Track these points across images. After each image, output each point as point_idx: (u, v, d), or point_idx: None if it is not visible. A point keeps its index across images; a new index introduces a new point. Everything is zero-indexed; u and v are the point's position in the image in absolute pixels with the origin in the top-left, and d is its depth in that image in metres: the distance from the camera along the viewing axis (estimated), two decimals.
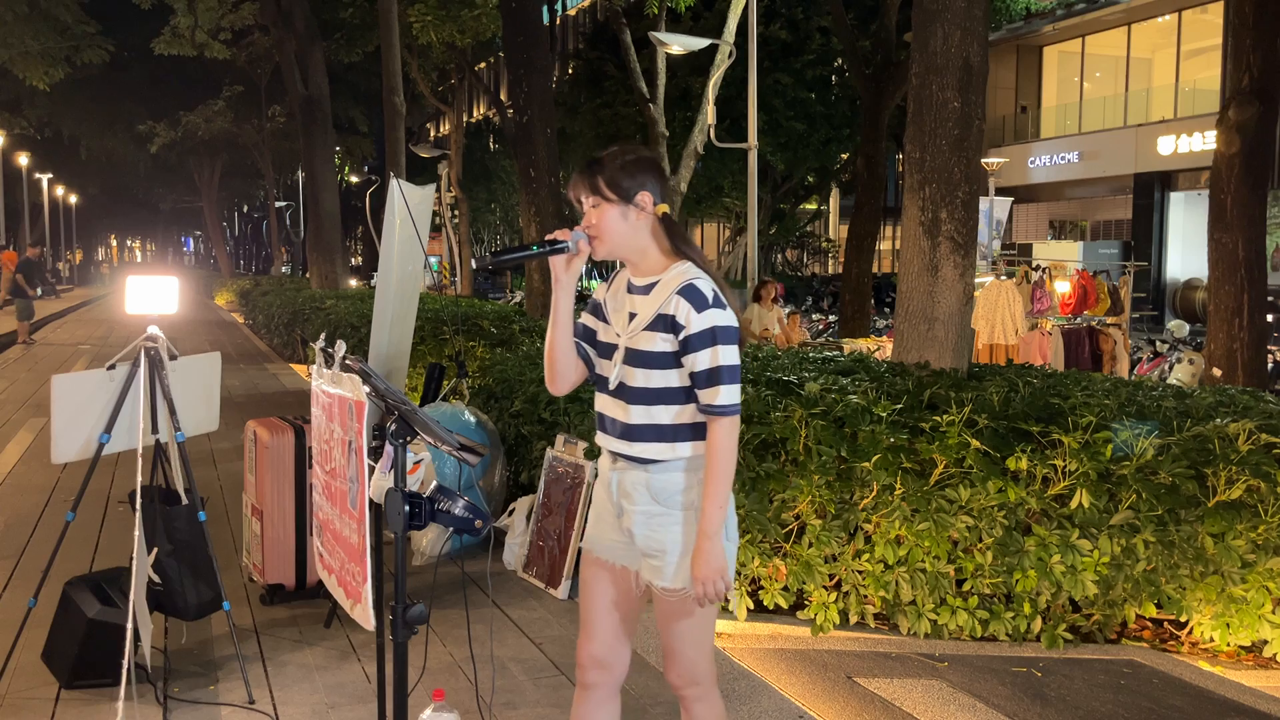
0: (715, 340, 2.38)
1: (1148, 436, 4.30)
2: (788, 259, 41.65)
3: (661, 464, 2.45)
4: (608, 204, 2.45)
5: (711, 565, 2.38)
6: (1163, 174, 26.79)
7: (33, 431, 9.18)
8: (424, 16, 21.83)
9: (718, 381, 2.37)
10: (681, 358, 2.41)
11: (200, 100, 35.24)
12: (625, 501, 2.49)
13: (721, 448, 2.39)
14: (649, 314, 2.44)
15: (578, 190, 2.49)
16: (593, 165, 2.48)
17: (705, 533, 2.39)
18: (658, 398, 2.43)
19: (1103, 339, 11.68)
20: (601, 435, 2.56)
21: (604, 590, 2.58)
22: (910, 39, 6.71)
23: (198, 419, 4.14)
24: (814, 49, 26.45)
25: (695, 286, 2.40)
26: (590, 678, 2.61)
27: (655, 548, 2.45)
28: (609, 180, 2.44)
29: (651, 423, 2.44)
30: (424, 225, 5.59)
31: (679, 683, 2.53)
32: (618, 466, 2.52)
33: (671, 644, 2.52)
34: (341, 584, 2.97)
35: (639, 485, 2.47)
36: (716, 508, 2.39)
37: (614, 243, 2.47)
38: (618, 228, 2.46)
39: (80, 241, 68.72)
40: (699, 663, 2.52)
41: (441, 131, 54.61)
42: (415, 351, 8.21)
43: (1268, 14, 8.75)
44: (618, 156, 2.48)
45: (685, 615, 2.47)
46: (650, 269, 2.50)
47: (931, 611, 4.43)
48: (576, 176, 2.50)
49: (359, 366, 2.68)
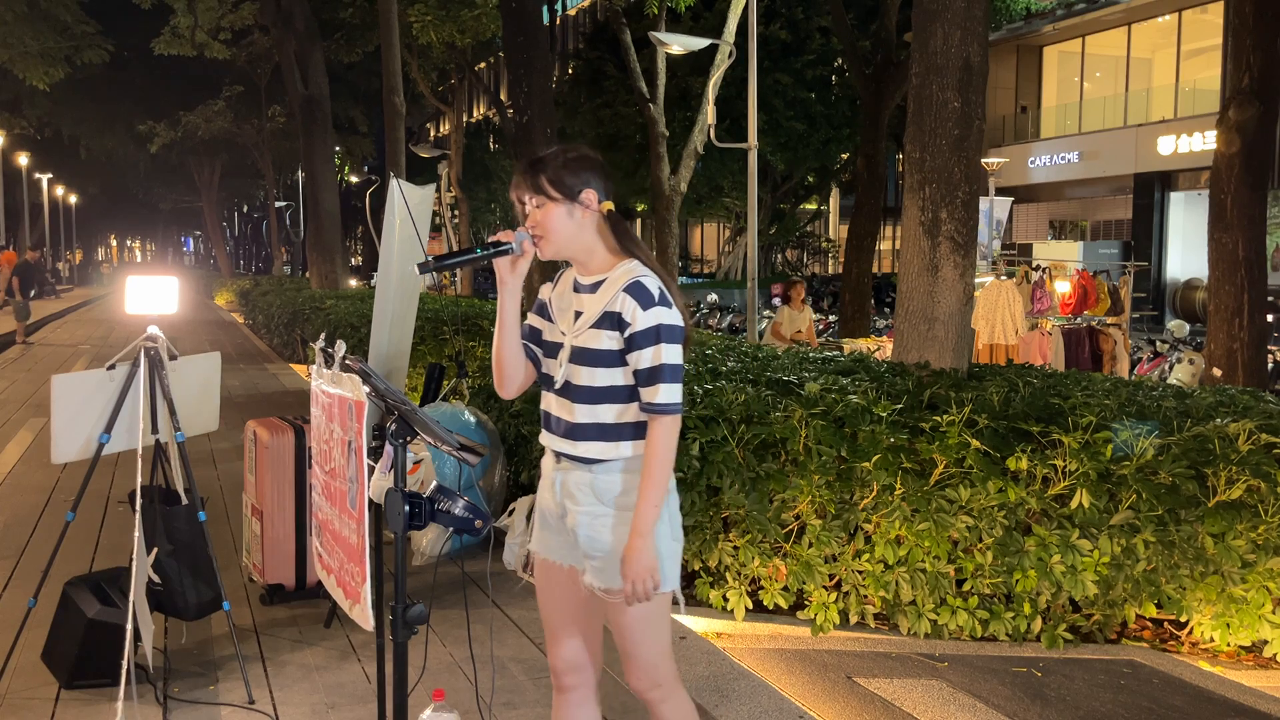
0: (659, 338, 2.37)
1: (1148, 436, 4.30)
2: (788, 259, 41.66)
3: (605, 464, 2.44)
4: (552, 203, 2.41)
5: (641, 564, 2.37)
6: (1163, 174, 26.79)
7: (33, 431, 9.18)
8: (424, 16, 21.83)
9: (659, 380, 2.37)
10: (626, 355, 2.40)
11: (200, 100, 35.22)
12: (569, 502, 2.48)
13: (660, 446, 2.38)
14: (595, 312, 2.43)
15: (520, 191, 2.45)
16: (535, 165, 2.45)
17: (638, 531, 2.37)
18: (602, 396, 2.42)
19: (1103, 339, 11.68)
20: (546, 435, 2.54)
21: (560, 594, 2.58)
22: (910, 39, 6.72)
23: (198, 419, 4.14)
24: (814, 49, 26.47)
25: (642, 284, 2.39)
26: (566, 681, 2.60)
27: (597, 549, 2.44)
28: (553, 179, 2.41)
29: (595, 421, 2.43)
30: (424, 225, 5.58)
31: (642, 686, 2.51)
32: (561, 466, 2.50)
33: (627, 647, 2.50)
34: (340, 584, 2.97)
35: (583, 485, 2.46)
36: (651, 506, 2.38)
37: (559, 242, 2.44)
38: (563, 227, 2.43)
39: (80, 241, 68.76)
40: (659, 664, 2.50)
41: (441, 131, 54.62)
42: (415, 351, 8.21)
43: (1268, 14, 8.75)
44: (559, 155, 2.46)
45: (636, 617, 2.45)
46: (598, 268, 2.48)
47: (931, 611, 4.43)
48: (518, 177, 2.46)
49: (359, 366, 2.68)
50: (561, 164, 2.43)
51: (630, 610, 2.44)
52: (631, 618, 2.46)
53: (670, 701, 2.53)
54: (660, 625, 2.51)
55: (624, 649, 2.51)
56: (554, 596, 2.59)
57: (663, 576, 2.43)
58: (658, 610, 2.48)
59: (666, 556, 2.45)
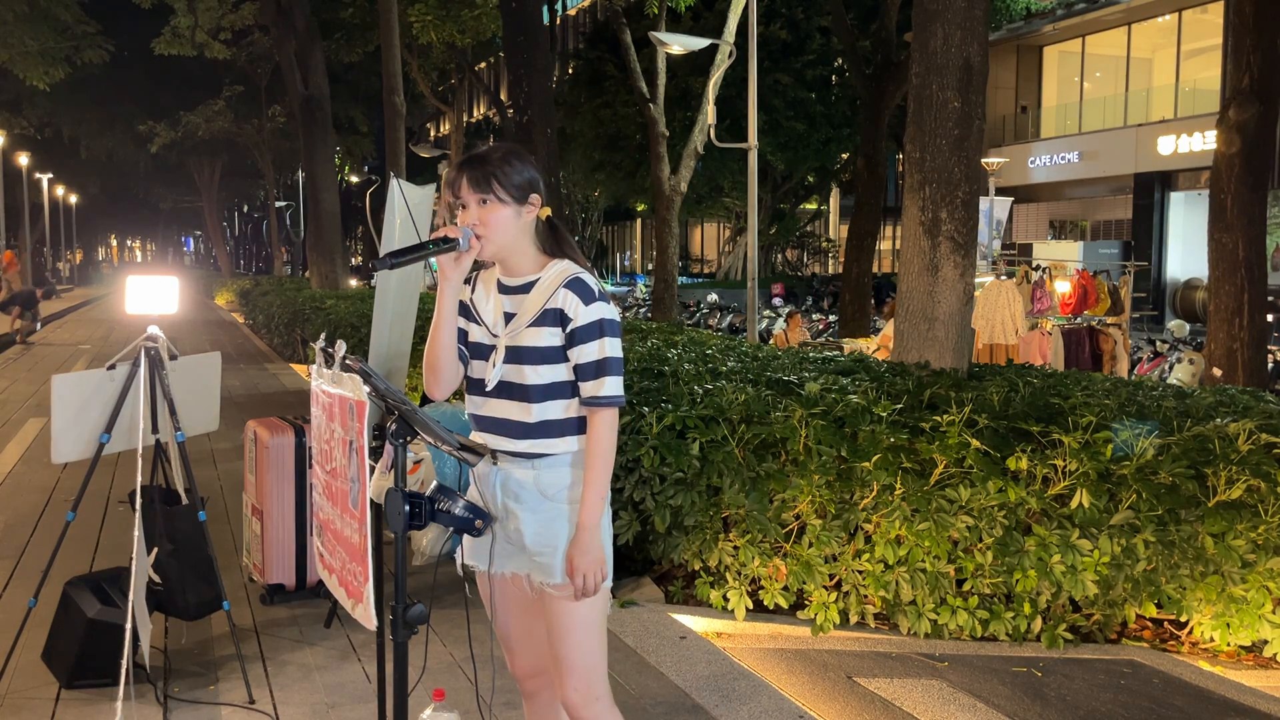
0: (603, 332, 2.38)
1: (1148, 436, 4.30)
2: (788, 259, 41.66)
3: (549, 458, 2.43)
4: (500, 204, 2.38)
5: (591, 556, 2.37)
6: (1163, 174, 26.79)
7: (33, 431, 9.18)
8: (424, 16, 21.84)
9: (605, 373, 2.38)
10: (568, 350, 2.40)
11: (200, 100, 35.19)
12: (511, 502, 2.45)
13: (604, 439, 2.39)
14: (533, 310, 2.41)
15: (458, 187, 2.40)
16: (481, 163, 2.39)
17: (585, 524, 2.37)
18: (550, 393, 2.41)
19: (1103, 339, 11.68)
20: (480, 435, 2.50)
21: (505, 603, 2.56)
22: (910, 39, 6.72)
23: (198, 419, 4.14)
24: (814, 49, 26.48)
25: (582, 280, 2.40)
26: (530, 686, 2.61)
27: (546, 544, 2.42)
28: (503, 180, 2.37)
29: (544, 419, 2.42)
30: (424, 225, 5.58)
31: (578, 700, 2.42)
32: (501, 466, 2.47)
33: (566, 654, 2.43)
34: (343, 584, 2.97)
35: (526, 484, 2.44)
36: (598, 498, 2.38)
37: (501, 243, 2.41)
38: (509, 228, 2.40)
39: (80, 241, 68.71)
40: (595, 673, 2.44)
41: (441, 131, 54.62)
42: (415, 351, 8.20)
43: (1268, 14, 8.76)
44: (506, 154, 2.42)
45: (579, 620, 2.42)
46: (526, 269, 2.45)
47: (931, 611, 4.43)
48: (461, 174, 2.40)
49: (359, 366, 2.68)
50: (509, 164, 2.40)
51: (573, 612, 2.41)
52: (574, 620, 2.42)
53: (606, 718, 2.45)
54: (601, 631, 2.47)
55: (564, 657, 2.43)
56: (502, 606, 2.57)
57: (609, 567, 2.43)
58: (599, 614, 2.45)
59: (608, 547, 2.44)
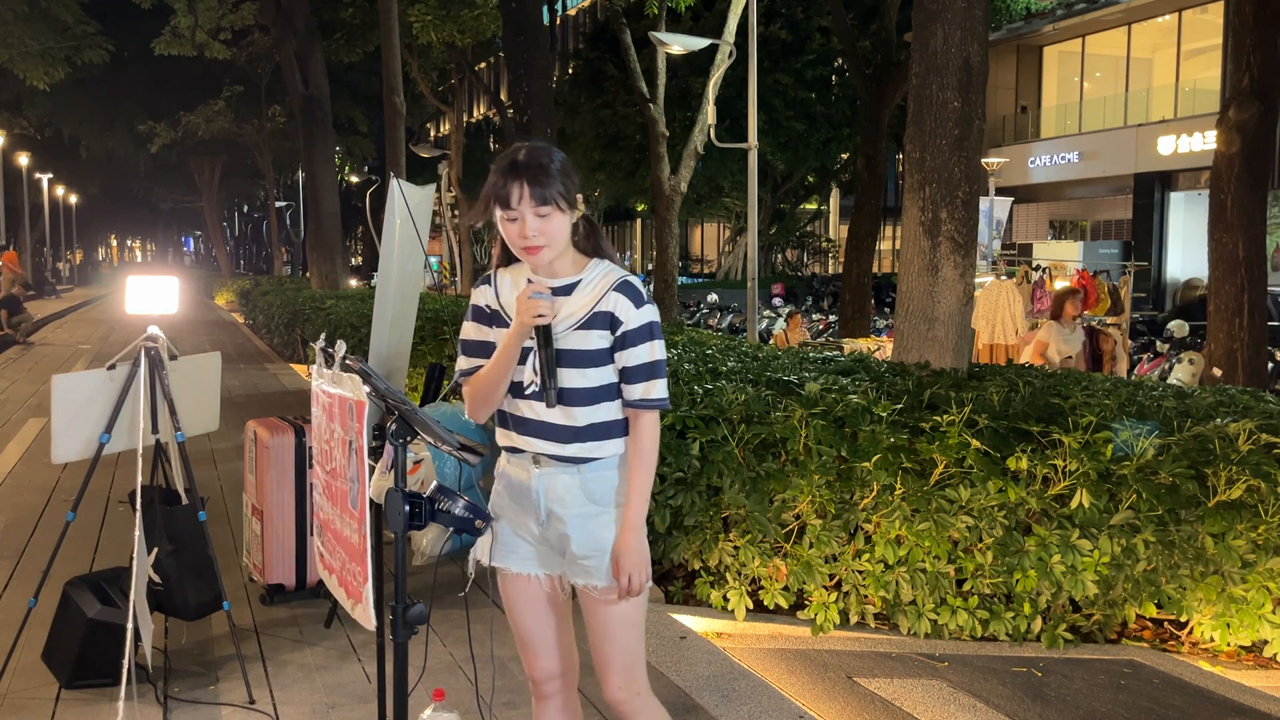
0: (652, 335, 2.40)
1: (1148, 436, 4.30)
2: (788, 259, 41.66)
3: (595, 462, 2.43)
4: (559, 213, 2.36)
5: (637, 557, 2.39)
6: (1163, 174, 26.78)
7: (33, 431, 9.18)
8: (424, 16, 21.83)
9: (655, 375, 2.40)
10: (615, 353, 2.41)
11: (200, 100, 35.17)
12: (556, 506, 2.44)
13: (649, 441, 2.42)
14: (581, 313, 2.40)
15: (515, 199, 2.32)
16: (543, 174, 2.33)
17: (631, 525, 2.39)
18: (598, 396, 2.41)
19: (1103, 339, 11.68)
20: (526, 439, 2.46)
21: (533, 605, 2.55)
22: (910, 39, 6.72)
23: (198, 419, 4.14)
24: (814, 49, 26.47)
25: (631, 283, 2.42)
26: (546, 689, 2.60)
27: (593, 549, 2.42)
28: (562, 189, 2.35)
29: (594, 422, 2.42)
30: (424, 225, 5.58)
31: (621, 695, 2.47)
32: (543, 470, 2.45)
33: (609, 652, 2.47)
34: (343, 584, 2.97)
35: (572, 488, 2.43)
36: (642, 501, 2.41)
37: (557, 250, 2.39)
38: (564, 234, 2.39)
39: (80, 241, 68.68)
40: (637, 669, 2.48)
41: (441, 131, 54.59)
42: (415, 351, 8.20)
43: (1268, 14, 8.76)
44: (564, 165, 2.39)
45: (623, 619, 2.45)
46: (565, 270, 2.44)
47: (931, 611, 4.43)
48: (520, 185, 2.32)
49: (359, 366, 2.68)
50: (561, 169, 2.38)
51: (618, 613, 2.44)
52: (618, 620, 2.45)
53: (648, 711, 2.49)
54: (641, 628, 2.50)
55: (606, 655, 2.47)
56: (529, 609, 2.56)
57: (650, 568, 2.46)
58: (641, 612, 2.49)
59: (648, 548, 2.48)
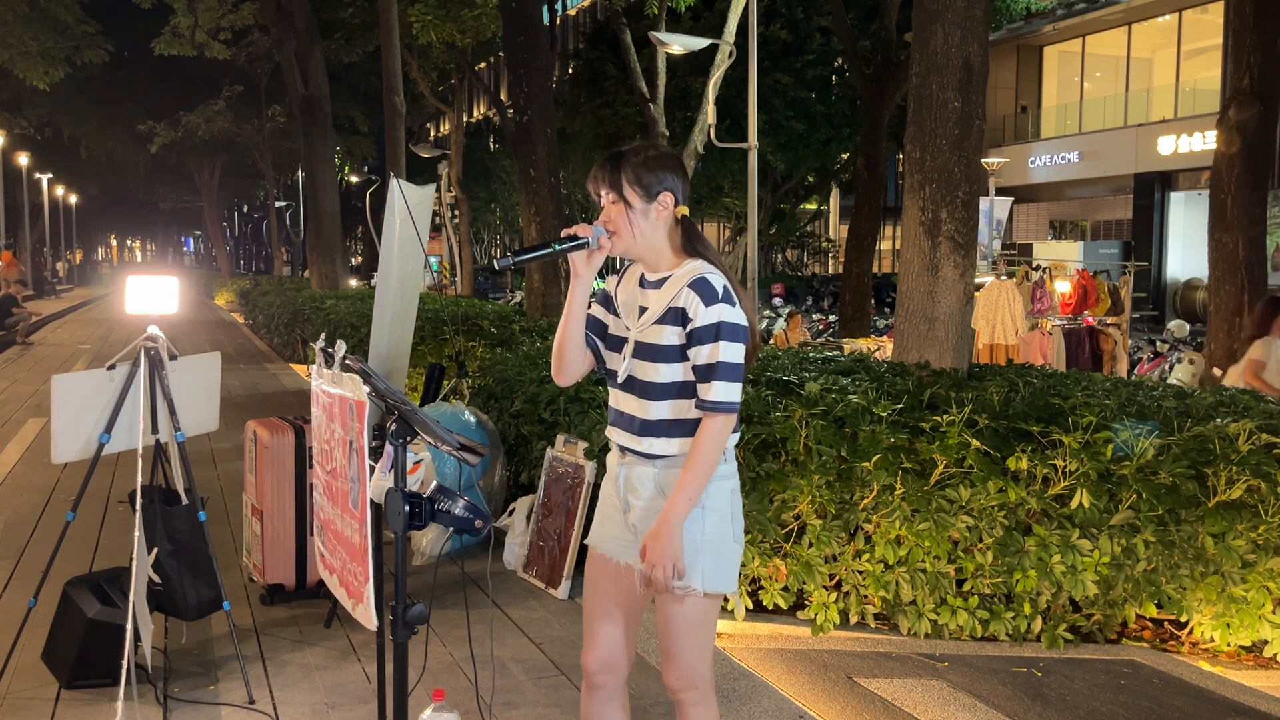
0: (719, 335, 2.37)
1: (1148, 436, 4.30)
2: (788, 259, 41.66)
3: (669, 459, 2.44)
4: (630, 202, 2.43)
5: (666, 550, 2.36)
6: (1163, 174, 26.78)
7: (33, 431, 9.18)
8: (424, 16, 21.80)
9: (714, 377, 2.37)
10: (687, 350, 2.40)
11: (200, 100, 35.14)
12: (632, 496, 2.49)
13: (707, 442, 2.38)
14: (659, 308, 2.43)
15: (598, 184, 2.47)
16: (617, 160, 2.45)
17: (667, 519, 2.37)
18: (669, 392, 2.43)
19: (1103, 339, 11.68)
20: (612, 429, 2.55)
21: (608, 590, 2.57)
22: (910, 39, 6.71)
23: (198, 419, 4.13)
24: (814, 49, 26.44)
25: (707, 280, 2.40)
26: (598, 680, 2.60)
27: None
28: (632, 178, 2.42)
29: (663, 418, 2.44)
30: (424, 225, 5.59)
31: (678, 685, 2.49)
32: (626, 461, 2.51)
33: (672, 646, 2.49)
34: (343, 584, 2.97)
35: (646, 480, 2.47)
36: (686, 500, 2.37)
37: (631, 240, 2.45)
38: (637, 225, 2.44)
39: (80, 241, 68.65)
40: (698, 666, 2.49)
41: (441, 131, 54.59)
42: (415, 351, 8.21)
43: (1268, 14, 8.75)
44: (641, 152, 2.46)
45: (688, 616, 2.45)
46: (663, 266, 2.48)
47: (931, 611, 4.43)
48: (599, 170, 2.46)
49: (359, 366, 2.68)
50: (642, 162, 2.44)
51: (682, 613, 2.44)
52: (681, 617, 2.45)
53: (702, 706, 2.51)
54: (708, 628, 2.50)
55: (669, 648, 2.50)
56: (601, 593, 2.58)
57: (724, 577, 2.45)
58: (708, 612, 2.48)
59: (728, 557, 2.46)
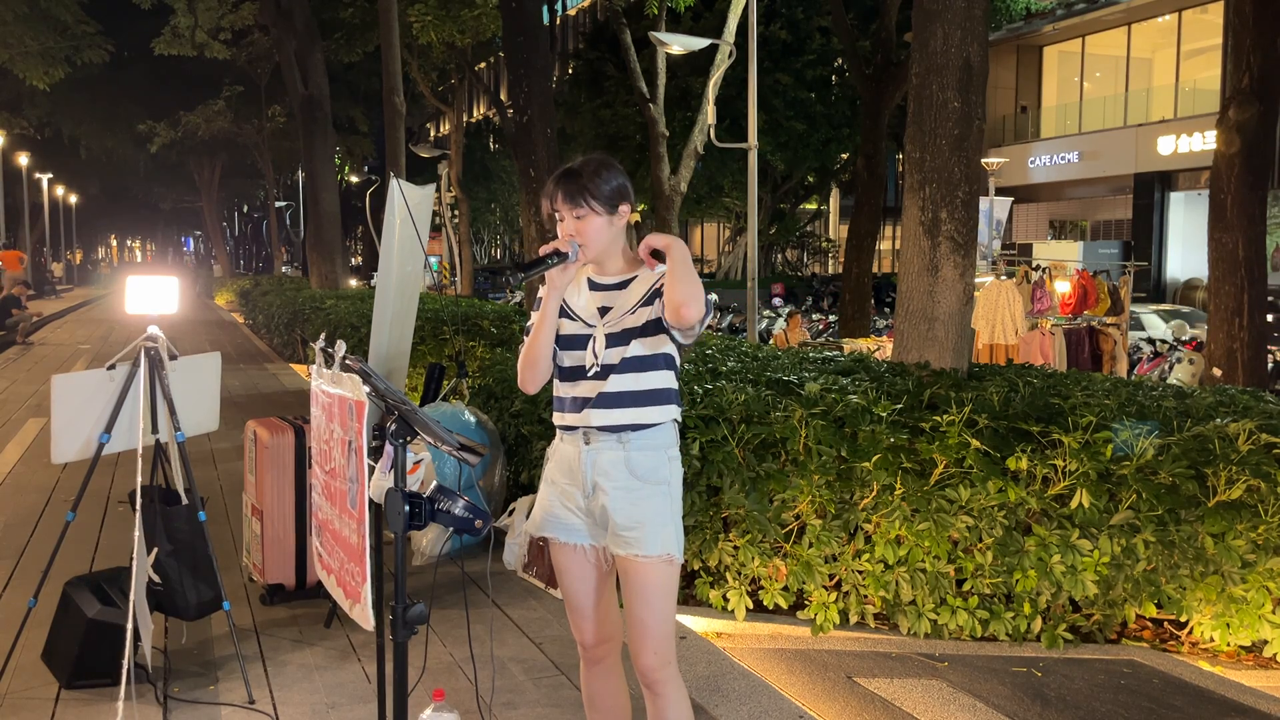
0: None
1: (1148, 436, 4.30)
2: (788, 259, 41.67)
3: (640, 434, 2.58)
4: (594, 215, 2.60)
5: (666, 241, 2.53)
6: (1163, 174, 26.78)
7: (33, 431, 9.18)
8: (424, 16, 21.80)
9: None
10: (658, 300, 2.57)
11: (200, 100, 35.16)
12: (602, 479, 2.60)
13: None
14: (634, 301, 2.61)
15: (556, 201, 2.62)
16: (574, 178, 2.61)
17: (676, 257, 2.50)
18: (642, 365, 2.59)
19: (1103, 339, 11.68)
20: (572, 417, 2.64)
21: (582, 573, 2.71)
22: (910, 39, 6.72)
23: (198, 419, 4.13)
24: (814, 49, 26.46)
25: None
26: (597, 653, 2.75)
27: (635, 521, 2.58)
28: (596, 193, 2.59)
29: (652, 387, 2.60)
30: (424, 225, 5.59)
31: (654, 663, 2.60)
32: (592, 447, 2.61)
33: (645, 620, 2.59)
34: (341, 584, 2.97)
35: (617, 463, 2.59)
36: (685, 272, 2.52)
37: (597, 249, 2.64)
38: (602, 235, 2.63)
39: (80, 241, 68.63)
40: (669, 639, 2.62)
41: (441, 131, 54.60)
42: (415, 351, 8.20)
43: (1268, 14, 8.75)
44: (598, 169, 2.62)
45: (661, 583, 2.58)
46: (619, 269, 2.68)
47: (931, 611, 4.43)
48: (557, 188, 2.62)
49: (359, 366, 2.68)
50: (601, 178, 2.61)
51: (654, 580, 2.57)
52: (654, 587, 2.58)
53: (674, 683, 2.63)
54: (672, 597, 2.64)
55: (643, 623, 2.60)
56: (577, 577, 2.71)
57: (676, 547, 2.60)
58: (672, 580, 2.62)
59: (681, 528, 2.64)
